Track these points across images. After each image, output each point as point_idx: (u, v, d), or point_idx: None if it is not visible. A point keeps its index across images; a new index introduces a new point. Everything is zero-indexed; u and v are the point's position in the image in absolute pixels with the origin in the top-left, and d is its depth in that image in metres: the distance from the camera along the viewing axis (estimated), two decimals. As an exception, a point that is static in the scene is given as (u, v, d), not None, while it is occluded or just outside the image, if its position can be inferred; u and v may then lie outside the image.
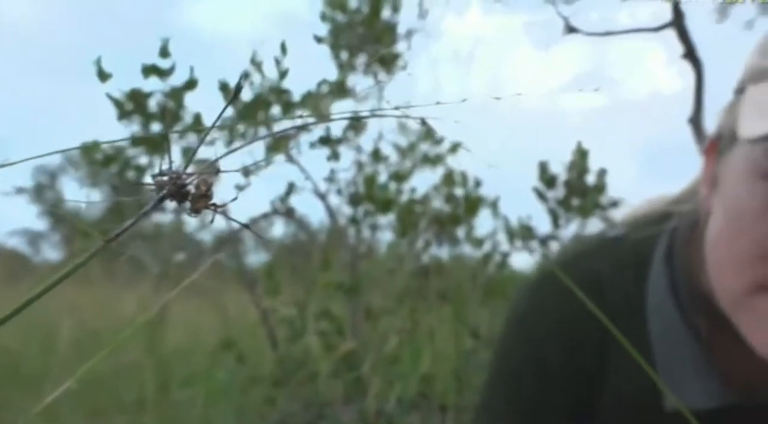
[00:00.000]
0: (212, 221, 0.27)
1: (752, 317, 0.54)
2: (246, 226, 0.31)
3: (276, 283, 2.15)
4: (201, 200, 0.27)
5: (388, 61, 3.04)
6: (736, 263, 0.55)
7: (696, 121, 3.44)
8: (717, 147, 0.59)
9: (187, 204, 0.27)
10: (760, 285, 0.53)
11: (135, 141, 2.19)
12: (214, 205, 0.27)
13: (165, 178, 0.27)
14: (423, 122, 0.41)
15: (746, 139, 0.54)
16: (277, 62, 2.43)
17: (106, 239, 0.26)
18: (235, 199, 0.28)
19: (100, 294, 2.87)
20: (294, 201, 2.41)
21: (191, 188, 0.27)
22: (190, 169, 0.29)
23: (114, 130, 2.25)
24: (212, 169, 0.28)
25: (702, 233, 0.60)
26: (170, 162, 0.27)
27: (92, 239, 0.27)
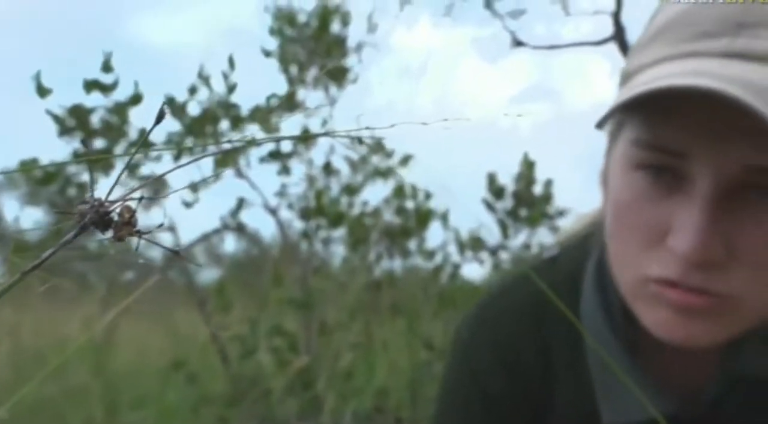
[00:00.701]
0: (137, 249, 0.26)
1: (644, 302, 0.55)
2: (176, 252, 0.30)
3: (227, 299, 2.12)
4: (125, 228, 0.26)
5: (338, 75, 3.05)
6: (623, 256, 0.56)
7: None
8: None
9: (110, 232, 0.26)
10: (647, 278, 0.54)
11: (75, 158, 2.13)
12: (138, 232, 0.26)
13: (87, 206, 0.26)
14: (360, 141, 0.41)
15: (596, 127, 0.54)
16: (225, 76, 2.41)
17: (24, 270, 0.25)
18: (161, 225, 0.28)
19: (42, 315, 2.77)
20: (245, 216, 2.38)
21: (114, 216, 0.26)
22: (120, 191, 0.28)
23: (56, 147, 2.18)
24: (137, 194, 0.28)
25: None
26: (92, 189, 0.27)
27: (22, 261, 0.26)
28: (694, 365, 0.61)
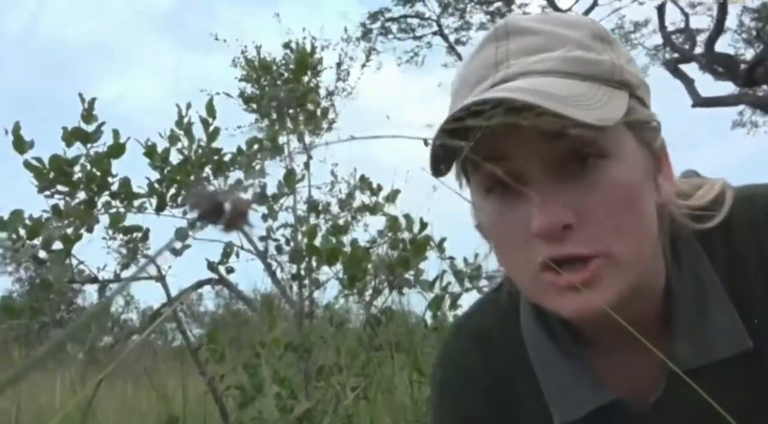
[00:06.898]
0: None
1: (546, 296, 0.62)
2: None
3: (221, 348, 2.04)
4: (237, 219, 0.25)
5: (313, 120, 3.07)
6: (511, 266, 0.65)
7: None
8: None
9: (222, 222, 0.25)
10: (535, 272, 0.61)
11: (56, 211, 2.06)
12: (249, 225, 0.25)
13: (200, 197, 0.25)
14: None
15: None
16: (205, 123, 2.39)
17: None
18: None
19: (22, 384, 2.63)
20: (233, 264, 2.32)
21: (226, 207, 0.25)
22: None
23: (35, 203, 2.11)
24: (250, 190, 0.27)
25: None
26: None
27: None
28: (639, 365, 0.68)
